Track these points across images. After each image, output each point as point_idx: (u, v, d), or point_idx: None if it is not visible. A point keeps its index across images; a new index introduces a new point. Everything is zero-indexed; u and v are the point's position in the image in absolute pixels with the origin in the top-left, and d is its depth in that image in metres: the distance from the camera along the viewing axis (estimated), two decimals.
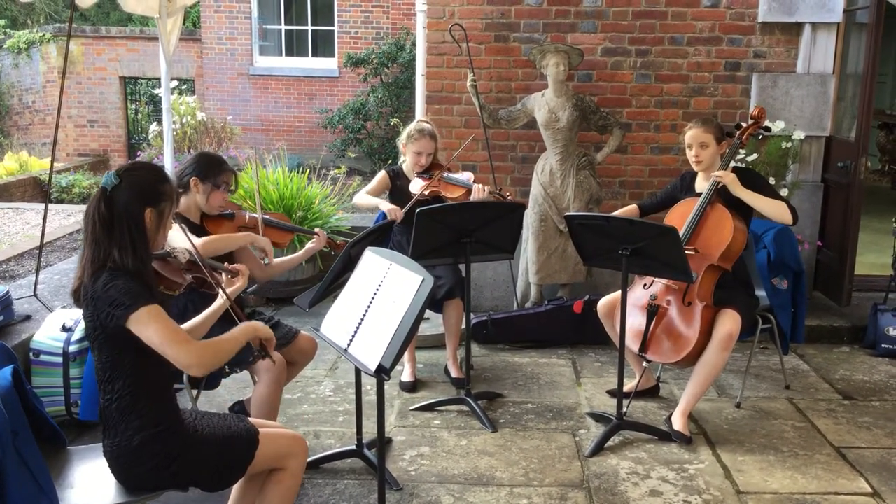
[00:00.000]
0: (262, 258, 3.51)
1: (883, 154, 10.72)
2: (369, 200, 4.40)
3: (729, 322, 3.66)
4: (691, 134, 3.89)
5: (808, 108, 5.41)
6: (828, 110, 5.42)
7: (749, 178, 3.87)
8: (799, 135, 5.22)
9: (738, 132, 4.02)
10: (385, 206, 4.30)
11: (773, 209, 3.73)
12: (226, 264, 2.94)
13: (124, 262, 2.26)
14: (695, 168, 3.96)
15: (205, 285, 2.80)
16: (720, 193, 3.83)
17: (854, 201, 5.21)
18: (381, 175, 4.49)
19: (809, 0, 5.26)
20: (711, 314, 3.74)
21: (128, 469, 2.33)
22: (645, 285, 3.96)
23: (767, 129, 4.20)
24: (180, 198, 3.30)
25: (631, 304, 3.88)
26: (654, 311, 3.80)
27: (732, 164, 3.92)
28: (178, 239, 3.11)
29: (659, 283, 3.89)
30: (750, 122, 4.04)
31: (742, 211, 3.82)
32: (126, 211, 2.30)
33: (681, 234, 3.74)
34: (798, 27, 5.35)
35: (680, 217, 3.89)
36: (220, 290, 2.66)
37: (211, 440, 2.38)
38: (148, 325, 2.20)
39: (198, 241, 3.19)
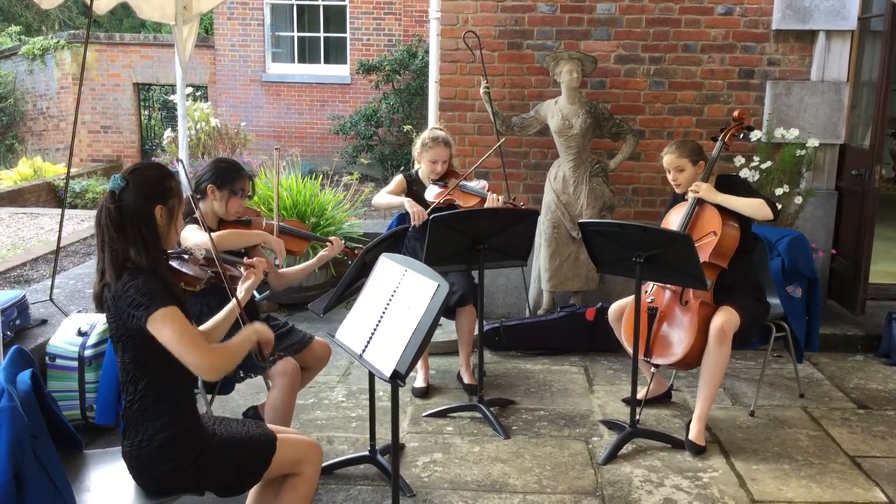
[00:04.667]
0: (274, 259, 3.53)
1: None
2: (391, 199, 4.38)
3: (721, 316, 3.67)
4: (667, 160, 3.95)
5: (822, 116, 5.40)
6: (842, 118, 5.41)
7: (729, 183, 3.92)
8: (813, 142, 5.20)
9: (721, 134, 4.05)
10: (410, 205, 4.27)
11: (751, 208, 3.76)
12: (244, 258, 2.95)
13: (140, 260, 2.29)
14: (676, 190, 4.01)
15: (222, 281, 2.81)
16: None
17: (868, 209, 5.19)
18: (399, 178, 4.50)
19: (824, 8, 5.26)
20: (709, 311, 3.75)
21: (146, 470, 2.34)
22: (645, 291, 3.96)
23: (750, 128, 4.25)
24: (198, 202, 3.33)
25: (632, 310, 3.88)
26: (653, 314, 3.81)
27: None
28: (195, 236, 3.13)
29: (656, 286, 3.91)
30: (732, 123, 4.09)
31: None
32: (136, 211, 2.32)
33: None
34: (812, 35, 5.34)
35: (673, 223, 3.94)
36: (233, 296, 2.66)
37: (230, 444, 2.40)
38: (164, 328, 2.22)
39: (213, 235, 3.20)
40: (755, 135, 5.10)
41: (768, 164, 5.15)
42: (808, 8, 5.26)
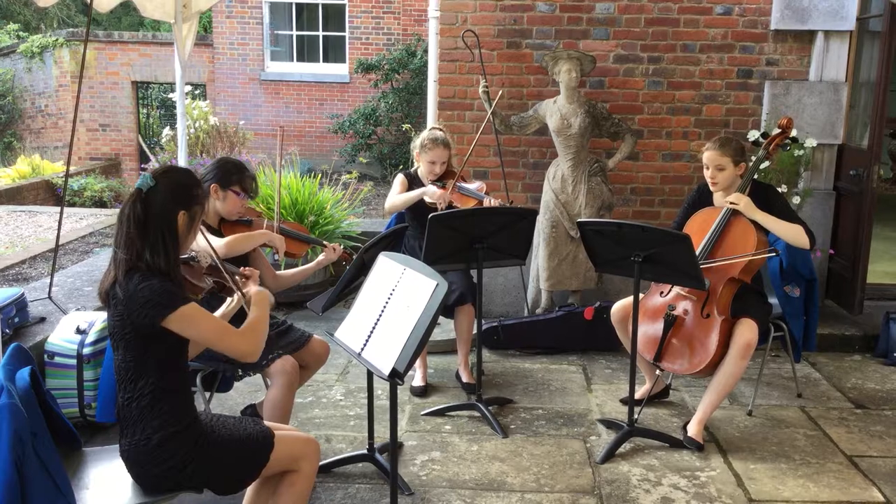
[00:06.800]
0: (274, 256, 3.52)
1: (895, 162, 10.68)
2: (405, 196, 4.34)
3: (746, 332, 3.64)
4: (708, 156, 3.83)
5: (821, 116, 5.41)
6: (840, 118, 5.42)
7: (767, 196, 3.84)
8: (811, 142, 5.21)
9: (764, 142, 3.98)
10: (431, 191, 4.25)
11: (790, 233, 3.71)
12: (242, 269, 2.95)
13: (156, 263, 2.30)
14: (711, 189, 3.91)
15: (224, 289, 2.81)
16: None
17: (866, 209, 5.20)
18: (400, 179, 4.49)
19: (822, 8, 5.26)
20: (730, 327, 3.71)
21: (144, 468, 2.34)
22: (662, 293, 3.93)
23: (794, 139, 4.16)
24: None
25: (647, 312, 3.87)
26: (671, 320, 3.78)
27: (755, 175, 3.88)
28: (198, 242, 3.13)
29: (677, 293, 3.87)
30: (777, 131, 4.01)
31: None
32: (161, 213, 2.33)
33: (701, 245, 3.73)
34: (811, 35, 5.35)
35: (700, 227, 3.85)
36: (237, 292, 2.66)
37: (227, 442, 2.40)
38: (192, 324, 2.30)
39: (221, 241, 3.21)
40: (752, 134, 5.10)
41: (766, 164, 5.15)
42: (806, 8, 5.27)
